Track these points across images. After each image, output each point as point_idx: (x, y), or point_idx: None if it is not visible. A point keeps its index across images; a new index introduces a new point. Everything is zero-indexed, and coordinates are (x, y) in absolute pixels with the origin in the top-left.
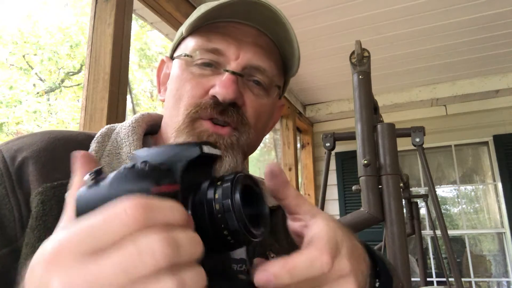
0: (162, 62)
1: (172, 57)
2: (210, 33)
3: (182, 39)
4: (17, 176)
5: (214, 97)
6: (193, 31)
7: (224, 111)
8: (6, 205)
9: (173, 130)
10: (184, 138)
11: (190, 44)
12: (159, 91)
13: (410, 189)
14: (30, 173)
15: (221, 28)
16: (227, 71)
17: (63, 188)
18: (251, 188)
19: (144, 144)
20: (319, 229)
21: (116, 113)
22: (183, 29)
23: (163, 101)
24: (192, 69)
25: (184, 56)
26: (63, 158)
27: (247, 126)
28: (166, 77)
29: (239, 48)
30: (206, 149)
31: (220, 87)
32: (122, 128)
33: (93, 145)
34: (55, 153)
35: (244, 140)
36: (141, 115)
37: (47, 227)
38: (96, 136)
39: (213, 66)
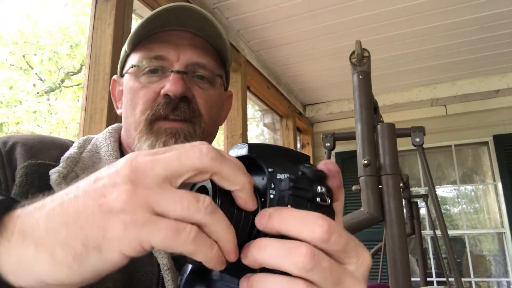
0: (114, 81)
1: (121, 75)
2: (150, 44)
3: (127, 56)
4: (7, 157)
5: (166, 95)
6: (134, 47)
7: (176, 106)
8: None
9: (135, 133)
10: (145, 139)
11: (134, 58)
12: (117, 107)
13: (410, 189)
14: (18, 153)
15: (158, 37)
16: (172, 71)
17: (45, 167)
18: None
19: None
20: None
21: (116, 113)
22: (125, 47)
23: (121, 115)
24: (141, 79)
25: (132, 67)
26: (48, 149)
27: (199, 117)
28: (120, 94)
29: (178, 50)
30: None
31: (170, 84)
32: (100, 135)
33: (75, 144)
34: (42, 144)
35: (199, 130)
36: (117, 125)
37: (28, 196)
38: (77, 140)
39: (159, 72)
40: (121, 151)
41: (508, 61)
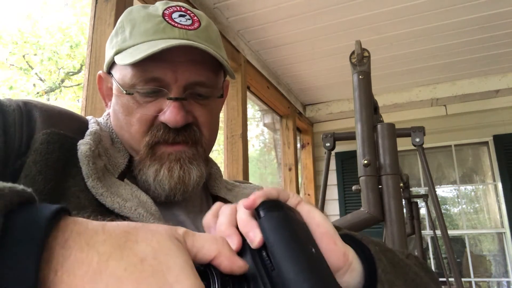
0: (100, 78)
1: (109, 72)
2: (145, 61)
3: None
4: (26, 116)
5: (164, 123)
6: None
7: (178, 134)
8: (10, 134)
9: (135, 154)
10: (149, 165)
11: (126, 73)
12: (107, 105)
13: (410, 189)
14: (37, 118)
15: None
16: (170, 99)
17: (65, 138)
18: None
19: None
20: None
21: None
22: (112, 54)
23: None
24: (136, 96)
25: (126, 93)
26: (67, 120)
27: (201, 137)
28: (109, 91)
29: (175, 70)
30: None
31: (169, 115)
32: (101, 119)
33: (92, 121)
34: (60, 115)
35: (201, 149)
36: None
37: (48, 164)
38: (89, 118)
39: (156, 93)
40: None
41: (508, 61)
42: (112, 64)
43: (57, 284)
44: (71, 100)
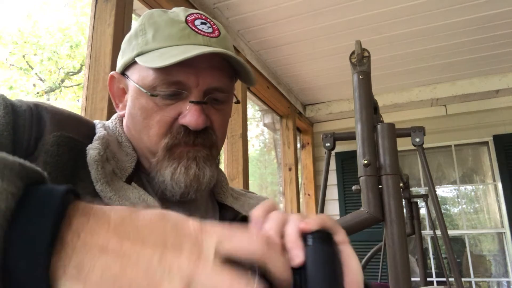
0: (112, 78)
1: (123, 73)
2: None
3: (134, 58)
4: (36, 117)
5: (185, 126)
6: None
7: (197, 136)
8: (19, 134)
9: (151, 156)
10: (166, 165)
11: (148, 75)
12: (117, 106)
13: (410, 189)
14: (47, 120)
15: None
16: (192, 102)
17: (74, 142)
18: None
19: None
20: None
21: (115, 112)
22: (134, 55)
23: (123, 116)
24: (155, 99)
25: (150, 95)
26: (76, 124)
27: (216, 141)
28: (120, 92)
29: (197, 75)
30: None
31: (190, 118)
32: (109, 122)
33: (98, 125)
34: (69, 118)
35: (215, 152)
36: (118, 114)
37: (58, 166)
38: (96, 122)
39: (176, 96)
40: None
41: (508, 61)
42: (128, 65)
43: (82, 246)
44: (71, 100)
